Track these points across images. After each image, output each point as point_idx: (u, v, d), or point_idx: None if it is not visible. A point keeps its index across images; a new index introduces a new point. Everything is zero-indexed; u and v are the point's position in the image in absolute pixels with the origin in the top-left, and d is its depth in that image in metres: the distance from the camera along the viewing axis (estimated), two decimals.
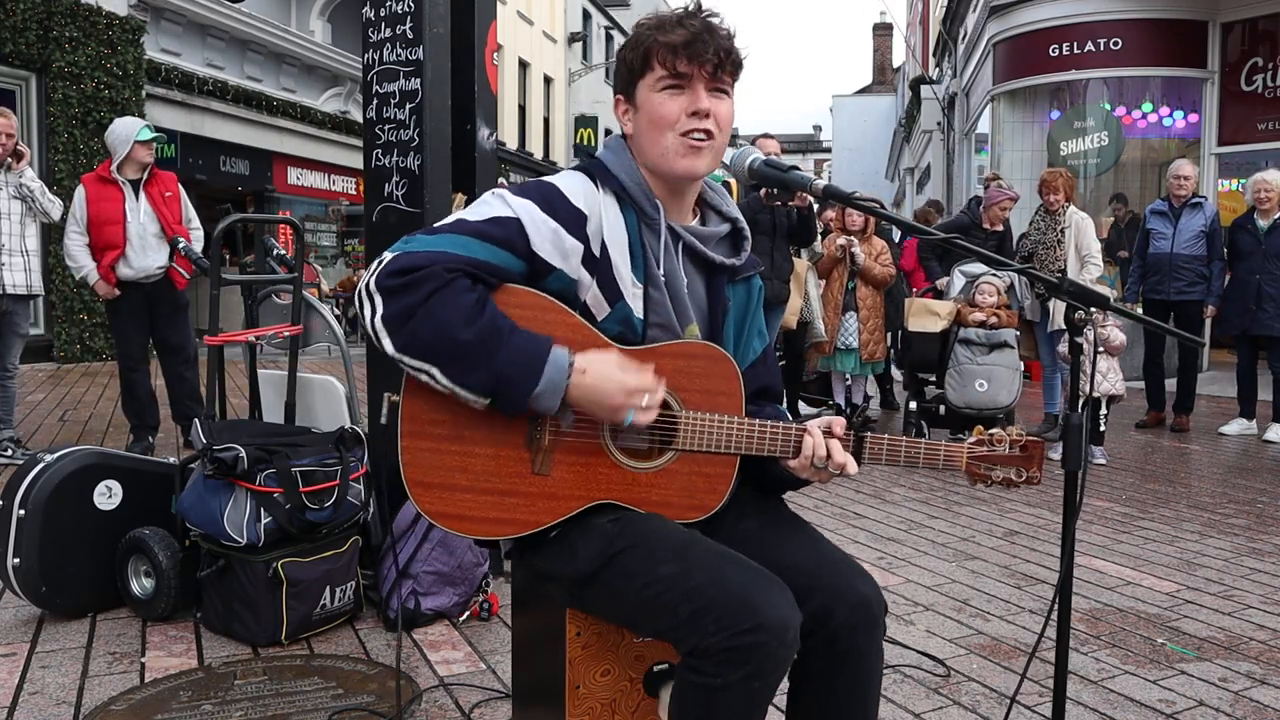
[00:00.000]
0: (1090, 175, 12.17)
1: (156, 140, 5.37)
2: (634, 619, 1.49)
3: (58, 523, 2.91)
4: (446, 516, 1.50)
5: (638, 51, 1.57)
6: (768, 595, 1.37)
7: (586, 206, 1.55)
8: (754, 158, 1.51)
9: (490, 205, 1.52)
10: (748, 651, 1.33)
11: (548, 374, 1.41)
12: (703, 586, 1.38)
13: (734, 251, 1.71)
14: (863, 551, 3.90)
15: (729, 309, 1.69)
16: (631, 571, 1.45)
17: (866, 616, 1.49)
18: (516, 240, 1.48)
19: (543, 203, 1.52)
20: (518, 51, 24.31)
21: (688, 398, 1.56)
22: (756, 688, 1.35)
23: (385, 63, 3.13)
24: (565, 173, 1.62)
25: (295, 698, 2.43)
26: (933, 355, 5.88)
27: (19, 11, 10.06)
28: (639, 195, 1.59)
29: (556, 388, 1.42)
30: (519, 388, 1.41)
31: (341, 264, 17.30)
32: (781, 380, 1.84)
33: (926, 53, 24.36)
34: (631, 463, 1.55)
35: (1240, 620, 3.15)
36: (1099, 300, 1.53)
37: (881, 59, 47.89)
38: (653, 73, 1.56)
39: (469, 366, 1.41)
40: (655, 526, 1.51)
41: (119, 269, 5.27)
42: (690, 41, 1.53)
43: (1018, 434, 1.61)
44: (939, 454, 1.60)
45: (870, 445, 1.59)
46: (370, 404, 3.29)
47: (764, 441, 1.56)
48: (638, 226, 1.59)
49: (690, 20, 1.54)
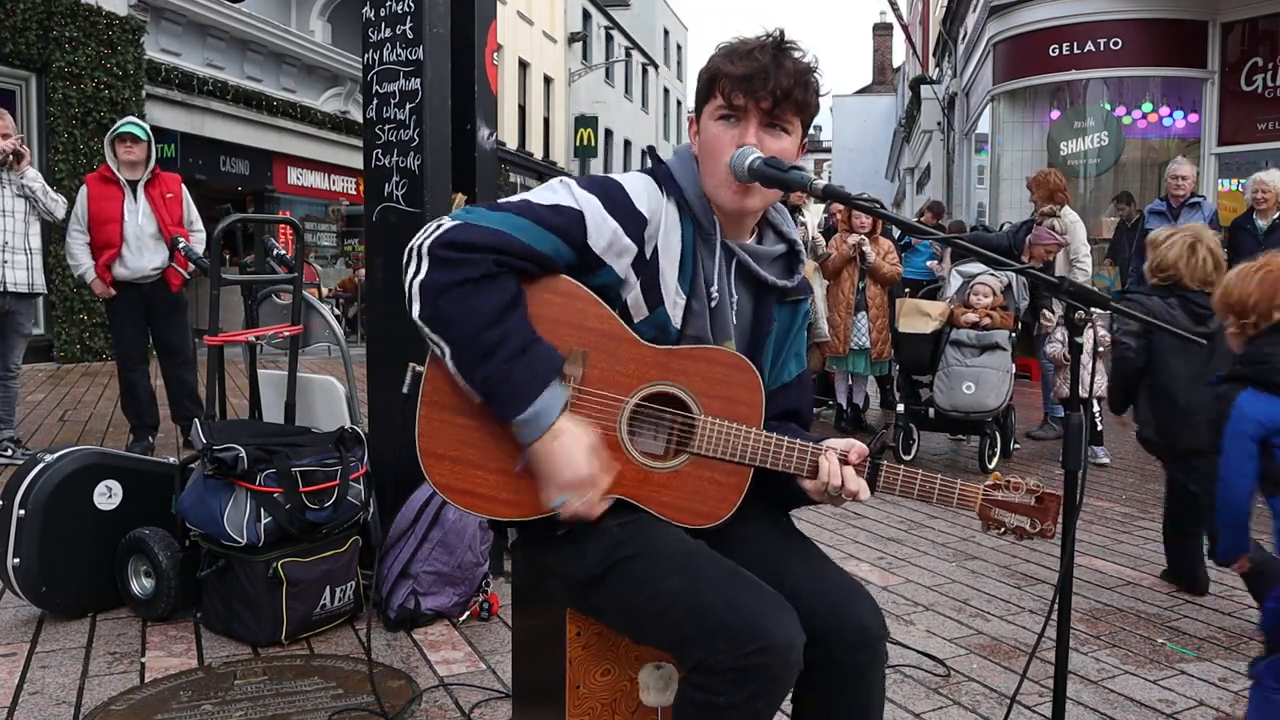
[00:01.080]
0: (1090, 175, 12.18)
1: (136, 136, 5.25)
2: (636, 628, 1.49)
3: (58, 523, 2.91)
4: (455, 490, 1.50)
5: (705, 76, 1.57)
6: (775, 617, 1.37)
7: (649, 210, 1.55)
8: (754, 157, 1.50)
9: (556, 192, 1.52)
10: (753, 672, 1.33)
11: (537, 407, 1.42)
12: (711, 605, 1.38)
13: (787, 273, 1.70)
14: (862, 551, 3.90)
15: (773, 329, 1.69)
16: (637, 580, 1.45)
17: (867, 639, 1.49)
18: (574, 231, 1.49)
19: (607, 201, 1.52)
20: (518, 51, 24.32)
21: (707, 403, 1.55)
22: (760, 707, 1.36)
23: (385, 63, 3.13)
24: (632, 173, 1.61)
25: (295, 698, 2.43)
26: (923, 357, 5.84)
27: (19, 11, 10.06)
28: (699, 209, 1.59)
29: (538, 426, 1.43)
30: (508, 407, 1.43)
31: (341, 264, 17.31)
32: (812, 408, 1.83)
33: (926, 53, 24.36)
34: (646, 461, 1.55)
35: (1240, 620, 3.15)
36: (1099, 300, 1.53)
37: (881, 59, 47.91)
38: (714, 100, 1.56)
39: (476, 363, 1.42)
40: (662, 535, 1.51)
41: (115, 269, 5.30)
42: (749, 76, 1.52)
43: (1035, 485, 1.60)
44: (954, 492, 1.58)
45: (885, 475, 1.58)
46: (370, 404, 3.29)
47: (780, 457, 1.56)
48: (694, 239, 1.59)
49: (760, 52, 1.52)
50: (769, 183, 1.50)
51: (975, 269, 6.10)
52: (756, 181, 1.51)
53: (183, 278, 5.48)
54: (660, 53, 38.19)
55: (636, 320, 1.55)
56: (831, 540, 4.05)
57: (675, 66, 40.78)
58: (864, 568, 3.67)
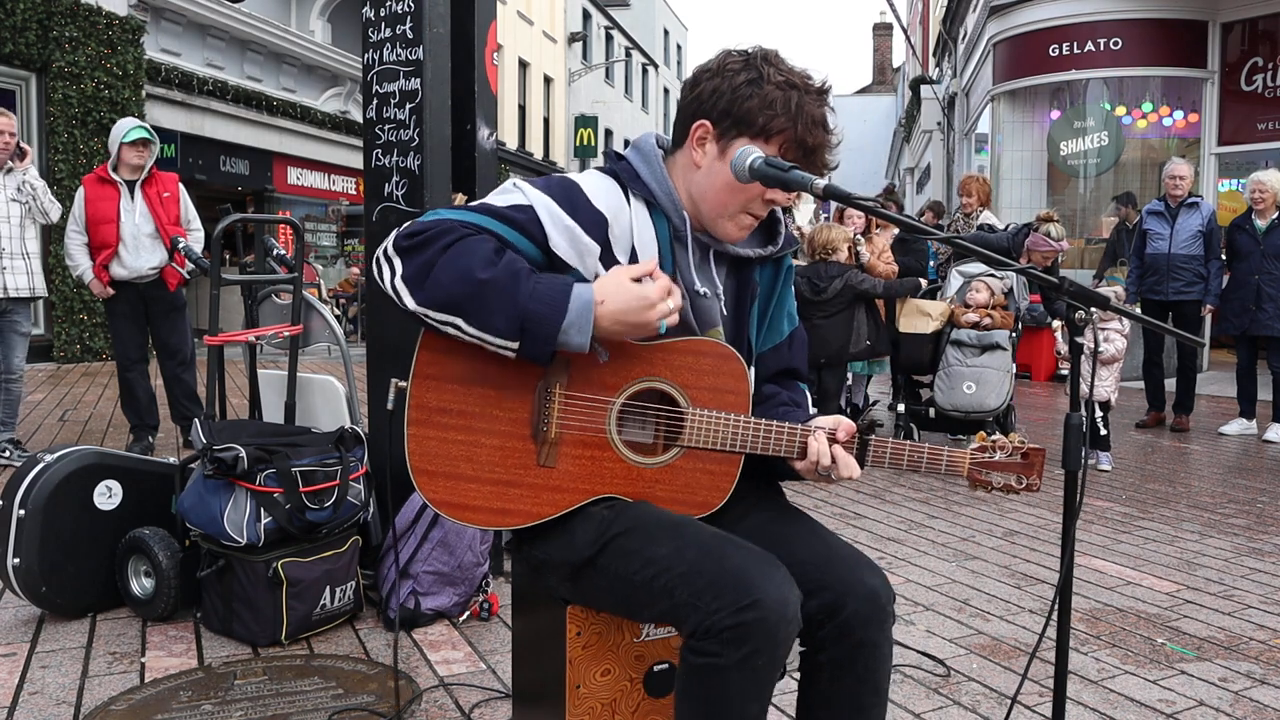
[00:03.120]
0: (1090, 175, 12.18)
1: (147, 140, 5.31)
2: (632, 603, 1.49)
3: (58, 523, 2.91)
4: (450, 505, 1.50)
5: (765, 111, 1.51)
6: (765, 571, 1.38)
7: (608, 209, 1.54)
8: (754, 157, 1.50)
9: (510, 193, 1.52)
10: (748, 628, 1.33)
11: (574, 306, 1.40)
12: (700, 566, 1.39)
13: (768, 239, 1.70)
14: (862, 551, 3.90)
15: (756, 293, 1.69)
16: (628, 553, 1.46)
17: (875, 607, 1.50)
18: (533, 230, 1.48)
19: (563, 200, 1.51)
20: (518, 51, 24.31)
21: (695, 395, 1.56)
22: (759, 665, 1.35)
23: (385, 63, 3.13)
24: (590, 172, 1.60)
25: (295, 698, 2.43)
26: (923, 357, 5.84)
27: (19, 11, 10.06)
28: (668, 206, 1.59)
29: (585, 319, 1.40)
30: (548, 323, 1.39)
31: (341, 264, 17.31)
32: (807, 364, 1.83)
33: (926, 53, 24.36)
34: (637, 458, 1.55)
35: (1240, 620, 3.15)
36: (1099, 300, 1.53)
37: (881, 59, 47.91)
38: (763, 145, 1.52)
39: (495, 308, 1.39)
40: (650, 510, 1.52)
41: (112, 268, 5.33)
42: (816, 149, 1.54)
43: (1019, 441, 1.63)
44: (941, 459, 1.61)
45: (874, 449, 1.60)
46: (370, 404, 3.29)
47: (769, 441, 1.57)
48: (669, 236, 1.59)
49: (828, 131, 1.54)
50: (770, 182, 1.50)
51: (976, 269, 6.11)
52: (757, 181, 1.51)
53: (181, 277, 5.48)
54: (660, 53, 38.19)
55: None
56: None
57: (675, 66, 40.78)
58: (870, 558, 3.66)
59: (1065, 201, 12.34)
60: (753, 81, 1.53)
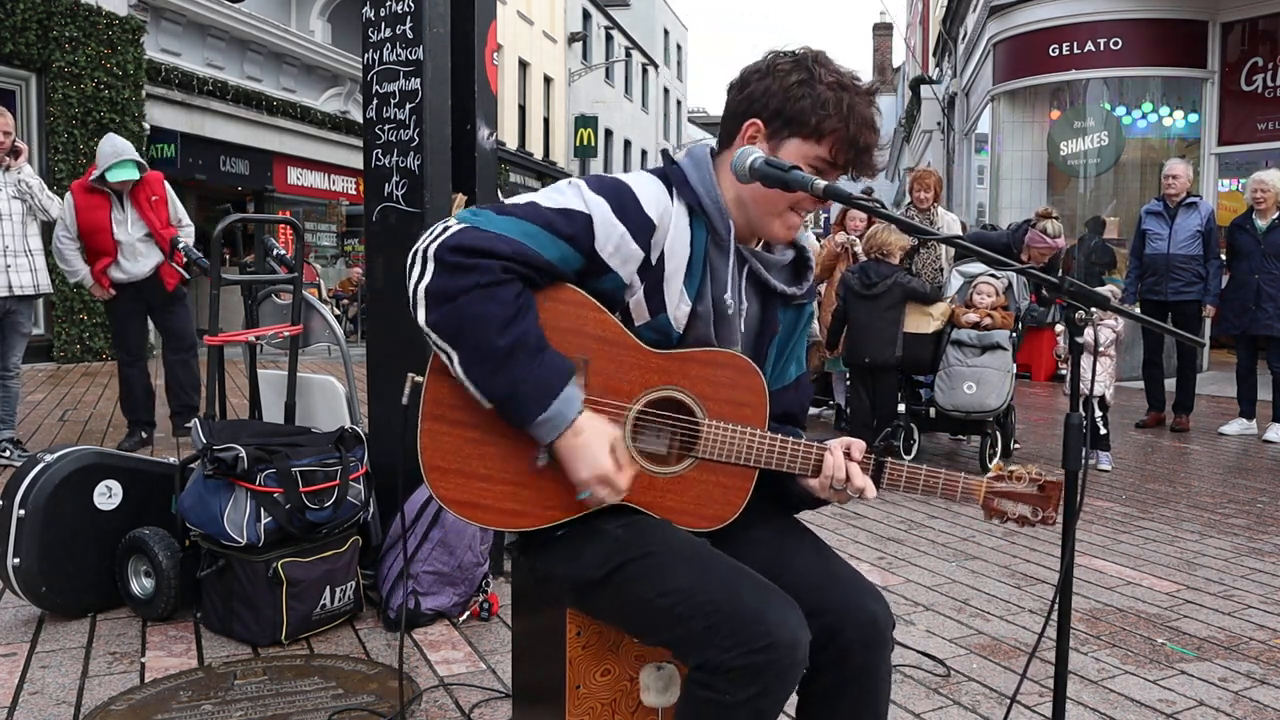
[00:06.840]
0: (1090, 175, 12.18)
1: (134, 178, 5.35)
2: (641, 627, 1.49)
3: (58, 523, 2.91)
4: (461, 504, 1.49)
5: (818, 111, 1.52)
6: (780, 614, 1.37)
7: (658, 216, 1.52)
8: (755, 157, 1.49)
9: (565, 195, 1.50)
10: (759, 670, 1.33)
11: (556, 408, 1.41)
12: (717, 602, 1.38)
13: (795, 279, 1.70)
14: (863, 551, 3.90)
15: (777, 332, 1.69)
16: (643, 579, 1.44)
17: (875, 634, 1.49)
18: (582, 237, 1.47)
19: (616, 205, 1.49)
20: (518, 51, 24.31)
21: (712, 406, 1.55)
22: (764, 705, 1.36)
23: (385, 63, 3.13)
24: (642, 175, 1.58)
25: (295, 698, 2.43)
26: (924, 356, 5.84)
27: (19, 11, 10.05)
28: (713, 213, 1.57)
29: (559, 424, 1.42)
30: (527, 409, 1.41)
31: (341, 264, 17.31)
32: (807, 410, 1.83)
33: (926, 53, 24.35)
34: (651, 467, 1.54)
35: (1240, 620, 3.15)
36: (1099, 300, 1.53)
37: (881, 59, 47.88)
38: (814, 145, 1.53)
39: (490, 370, 1.40)
40: (667, 535, 1.50)
41: (112, 273, 5.42)
42: (866, 149, 1.54)
43: (1037, 473, 1.61)
44: (957, 485, 1.59)
45: (889, 471, 1.59)
46: (370, 404, 3.29)
47: (785, 457, 1.56)
48: (705, 244, 1.57)
49: (876, 132, 1.55)
50: (770, 182, 1.50)
51: (976, 269, 6.11)
52: (757, 181, 1.50)
53: (179, 276, 5.51)
54: (660, 53, 38.18)
55: (638, 324, 1.54)
56: (832, 540, 4.04)
57: (675, 66, 40.78)
58: (864, 568, 3.66)
59: (1065, 202, 12.33)
60: (804, 82, 1.53)
